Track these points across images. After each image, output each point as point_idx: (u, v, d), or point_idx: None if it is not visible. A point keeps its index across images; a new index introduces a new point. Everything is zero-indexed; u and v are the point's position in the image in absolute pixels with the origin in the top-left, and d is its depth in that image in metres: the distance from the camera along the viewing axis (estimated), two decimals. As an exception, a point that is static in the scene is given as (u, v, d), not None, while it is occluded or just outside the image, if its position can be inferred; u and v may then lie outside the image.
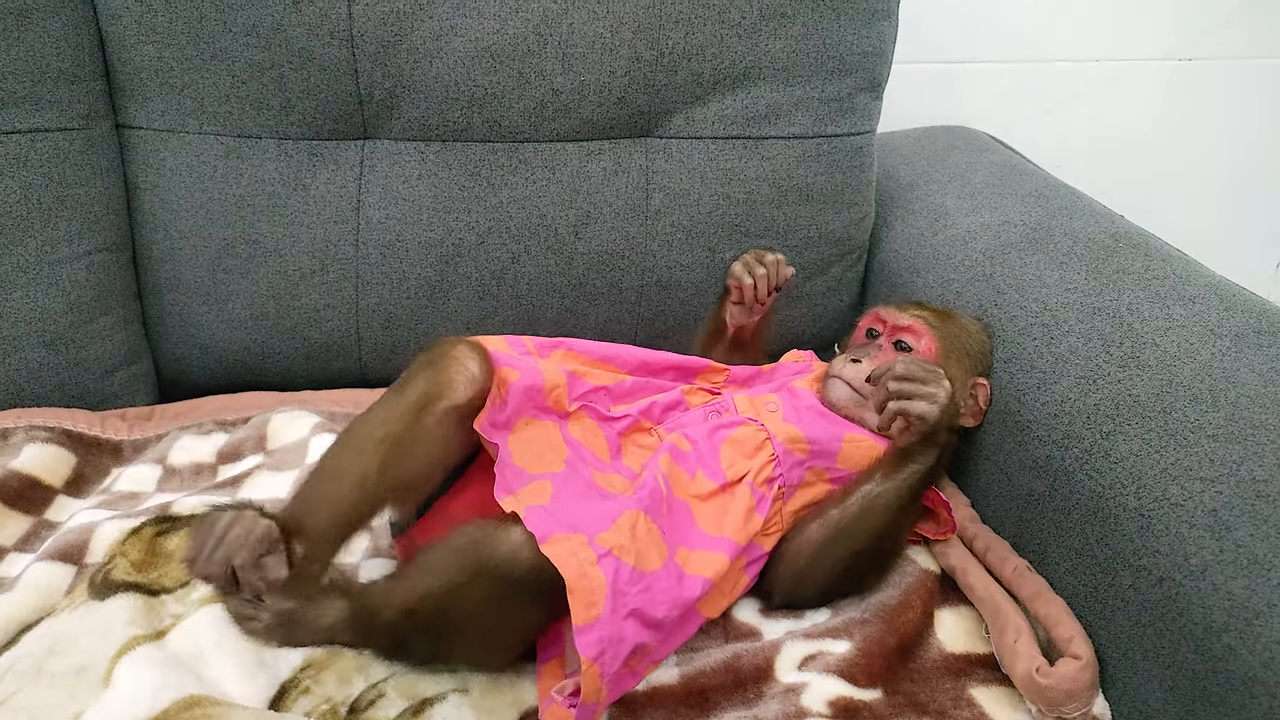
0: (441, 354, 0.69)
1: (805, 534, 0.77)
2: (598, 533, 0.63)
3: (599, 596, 0.60)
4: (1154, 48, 1.39)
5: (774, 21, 0.99)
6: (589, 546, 0.62)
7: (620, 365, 0.84)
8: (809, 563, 0.76)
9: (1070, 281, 0.85)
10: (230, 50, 0.94)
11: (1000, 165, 1.14)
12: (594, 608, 0.60)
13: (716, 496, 0.74)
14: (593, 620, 0.60)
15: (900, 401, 0.72)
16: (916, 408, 0.72)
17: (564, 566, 0.60)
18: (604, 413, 0.79)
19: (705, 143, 1.04)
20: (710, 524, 0.73)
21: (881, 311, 0.89)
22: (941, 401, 0.72)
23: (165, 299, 1.03)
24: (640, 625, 0.63)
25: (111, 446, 0.93)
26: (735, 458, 0.77)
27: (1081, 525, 0.72)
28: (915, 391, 0.72)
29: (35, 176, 0.93)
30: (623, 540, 0.64)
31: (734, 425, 0.79)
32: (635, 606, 0.63)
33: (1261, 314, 0.75)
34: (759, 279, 0.87)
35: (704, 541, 0.71)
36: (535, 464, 0.70)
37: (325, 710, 0.65)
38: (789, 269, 0.89)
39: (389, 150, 1.01)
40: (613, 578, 0.61)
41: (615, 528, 0.64)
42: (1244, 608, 0.58)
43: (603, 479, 0.73)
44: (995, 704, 0.69)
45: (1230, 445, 0.64)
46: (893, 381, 0.73)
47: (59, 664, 0.65)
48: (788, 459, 0.78)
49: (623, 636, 0.61)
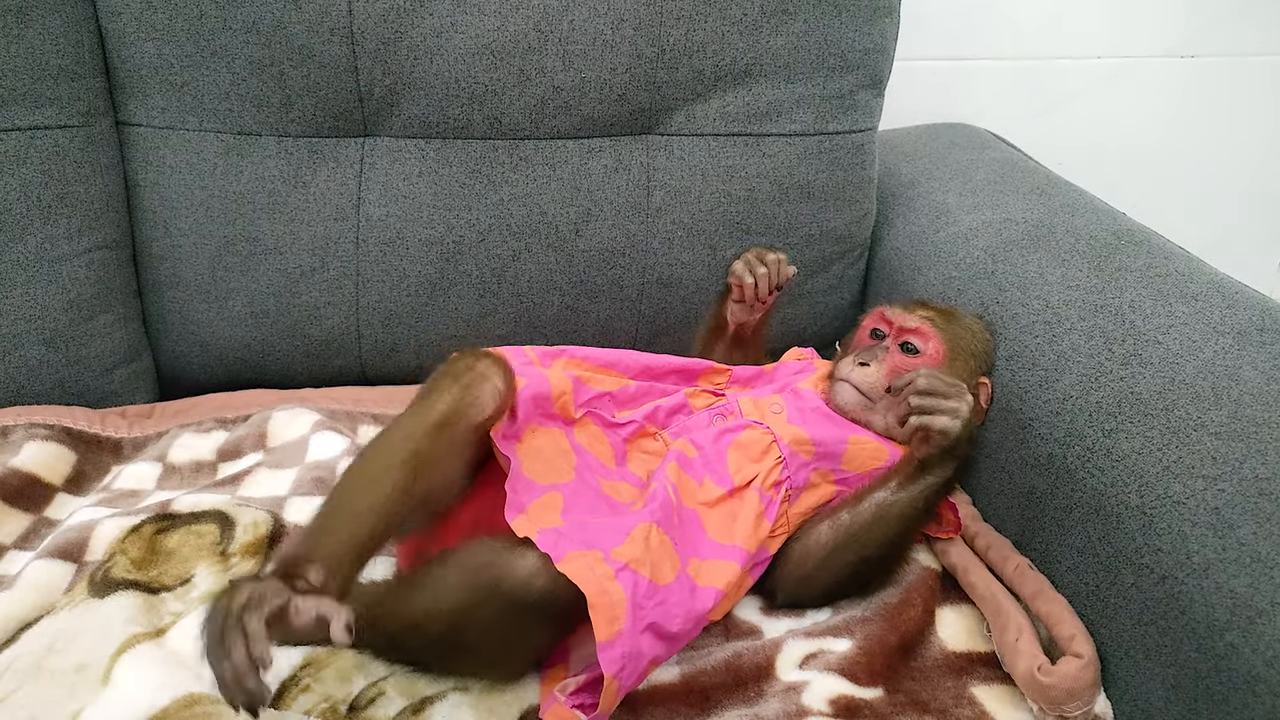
0: (466, 368, 0.67)
1: (814, 536, 0.77)
2: (613, 547, 0.62)
3: (620, 611, 0.60)
4: (1156, 45, 1.39)
5: (775, 18, 0.99)
6: (605, 561, 0.61)
7: (622, 371, 0.84)
8: (817, 566, 0.76)
9: (1072, 279, 0.85)
10: (230, 47, 0.94)
11: (1002, 162, 1.13)
12: (616, 623, 0.60)
13: (725, 502, 0.74)
14: (615, 636, 0.59)
15: (923, 416, 0.72)
16: (939, 423, 0.72)
17: (584, 583, 0.59)
18: (609, 419, 0.78)
19: (706, 140, 1.03)
20: (720, 531, 0.72)
21: (887, 312, 0.88)
22: (964, 416, 0.72)
23: (165, 296, 1.03)
24: (655, 638, 0.63)
25: (111, 444, 0.93)
26: (742, 462, 0.77)
27: (1083, 523, 0.72)
28: (938, 406, 0.72)
29: (35, 174, 0.93)
30: (638, 553, 0.63)
31: (739, 429, 0.79)
32: (652, 620, 0.62)
33: (1264, 311, 0.74)
34: (760, 278, 0.87)
35: (715, 550, 0.71)
36: (545, 474, 0.69)
37: (325, 708, 0.64)
38: (790, 268, 0.88)
39: (389, 147, 1.01)
40: (631, 591, 0.61)
41: (630, 541, 0.64)
42: (1246, 606, 0.57)
43: (610, 487, 0.73)
44: (997, 702, 0.69)
45: (1233, 443, 0.64)
46: (915, 396, 0.72)
47: (58, 662, 0.65)
48: (794, 461, 0.78)
49: (641, 651, 0.61)
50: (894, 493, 0.75)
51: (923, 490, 0.74)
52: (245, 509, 0.80)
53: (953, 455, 0.73)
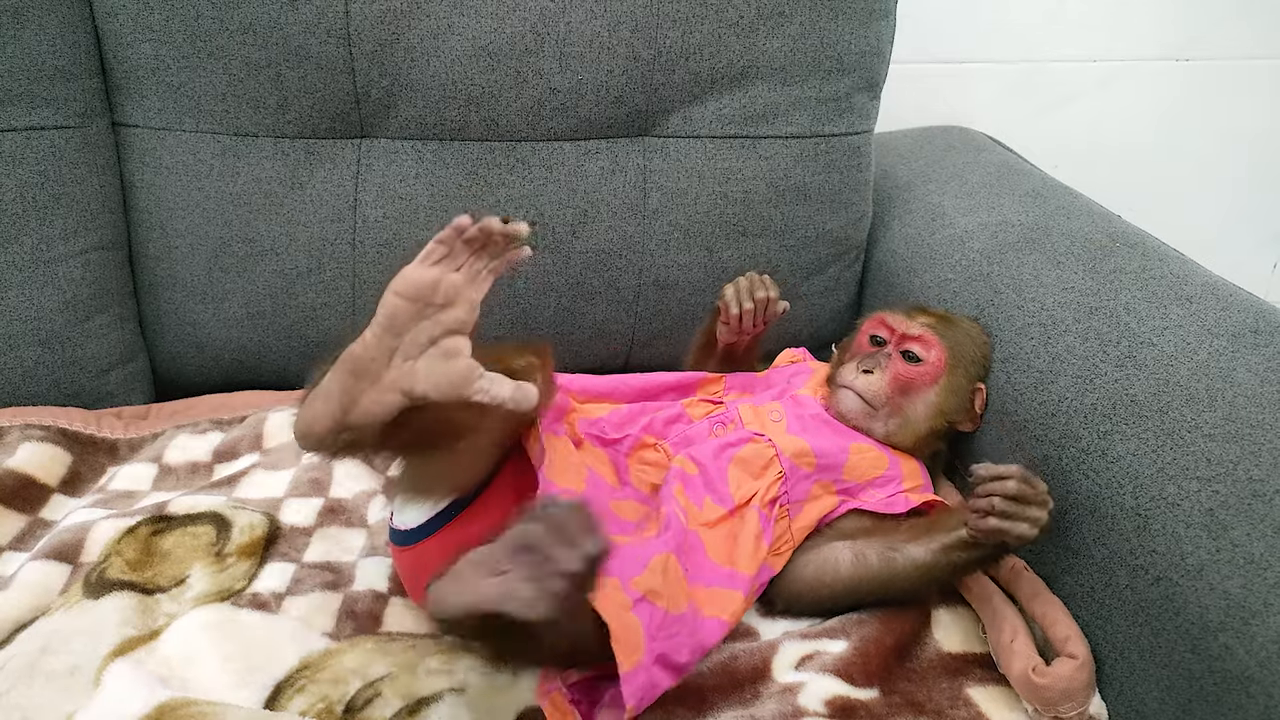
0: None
1: (832, 564, 0.76)
2: (631, 577, 0.62)
3: (638, 641, 0.60)
4: (1151, 48, 1.39)
5: (772, 21, 0.99)
6: (622, 590, 0.61)
7: (618, 399, 0.85)
8: (831, 594, 0.75)
9: (1067, 281, 0.85)
10: (227, 48, 0.94)
11: (997, 165, 1.14)
12: (636, 653, 0.59)
13: (725, 522, 0.74)
14: (635, 667, 0.59)
15: (1004, 521, 0.69)
16: (1018, 529, 0.69)
17: (605, 614, 0.58)
18: (606, 437, 0.79)
19: (703, 142, 1.04)
20: (720, 554, 0.71)
21: (888, 318, 0.86)
22: (1043, 525, 0.69)
23: (161, 297, 1.03)
24: (663, 669, 0.62)
25: (107, 445, 0.93)
26: (743, 479, 0.76)
27: (1078, 524, 0.72)
28: (1022, 514, 0.68)
29: (31, 174, 0.93)
30: (656, 584, 0.63)
31: (741, 443, 0.78)
32: (662, 651, 0.62)
33: (1258, 314, 0.75)
34: (746, 314, 0.86)
35: (717, 576, 0.70)
36: (561, 477, 0.69)
37: (321, 709, 0.64)
38: (781, 305, 0.88)
39: (386, 149, 1.01)
40: (647, 623, 0.61)
41: (649, 571, 0.63)
42: (1240, 607, 0.58)
43: (616, 507, 0.73)
44: (992, 703, 0.69)
45: (1227, 445, 0.64)
46: (1002, 501, 0.68)
47: (52, 663, 0.65)
48: (795, 474, 0.77)
49: (655, 683, 0.61)
50: (932, 555, 0.73)
51: (962, 563, 0.73)
52: (241, 510, 0.80)
53: (1007, 549, 0.72)
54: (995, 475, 0.69)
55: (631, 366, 1.10)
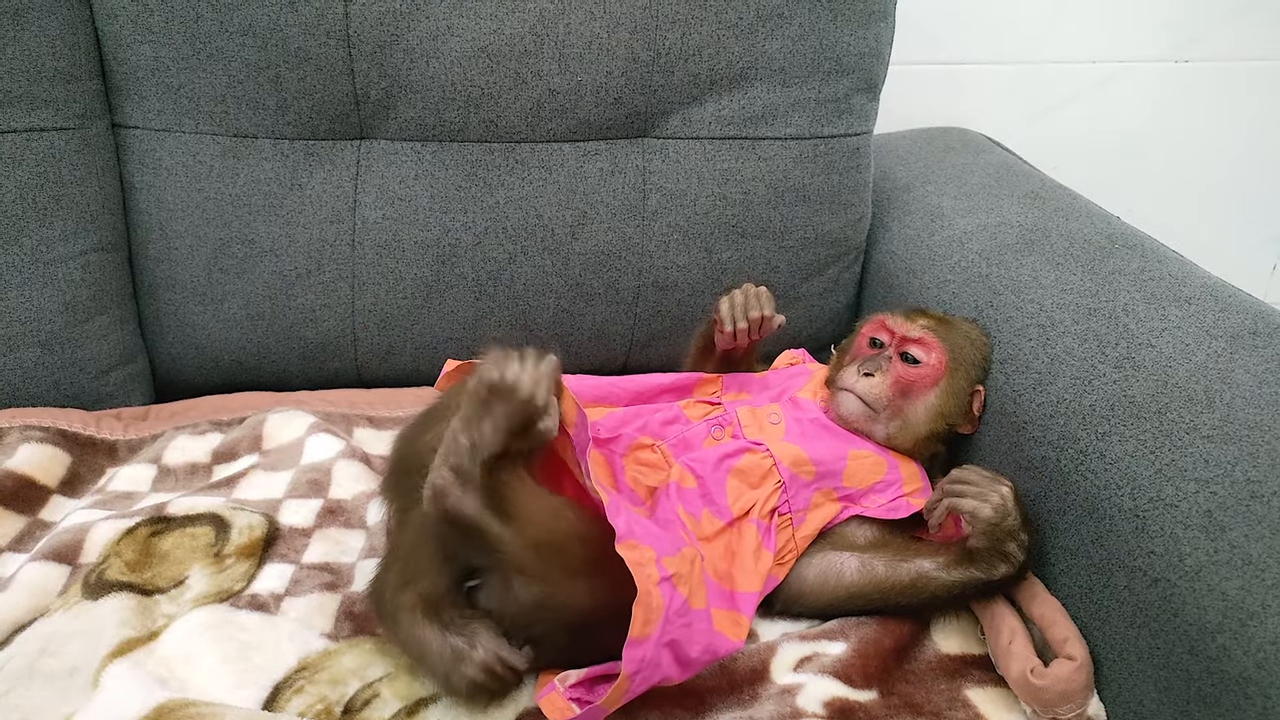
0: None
1: (836, 571, 0.76)
2: (664, 555, 0.62)
3: (655, 616, 0.60)
4: (1150, 49, 1.39)
5: (771, 22, 0.99)
6: (655, 564, 0.61)
7: (614, 402, 0.85)
8: (832, 602, 0.76)
9: (1066, 282, 0.85)
10: (226, 50, 0.94)
11: (996, 166, 1.14)
12: (649, 625, 0.60)
13: (722, 535, 0.74)
14: (645, 637, 0.59)
15: (950, 499, 0.74)
16: (965, 505, 0.72)
17: (636, 575, 0.59)
18: (599, 437, 0.79)
19: (702, 143, 1.04)
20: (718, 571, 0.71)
21: (888, 320, 0.86)
22: (993, 502, 0.72)
23: (161, 299, 1.03)
24: (673, 658, 0.63)
25: (106, 446, 0.93)
26: (741, 490, 0.76)
27: (1077, 526, 0.72)
28: (965, 491, 0.73)
29: (30, 176, 0.93)
30: (683, 570, 0.63)
31: (739, 453, 0.78)
32: (674, 638, 0.62)
33: (1257, 315, 0.75)
34: (740, 332, 0.86)
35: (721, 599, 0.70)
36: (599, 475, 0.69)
37: (320, 710, 0.64)
38: (777, 319, 0.87)
39: (385, 150, 1.01)
40: (668, 603, 0.61)
41: (680, 556, 0.64)
42: (1238, 608, 0.58)
43: None
44: (990, 705, 0.69)
45: (1225, 446, 0.64)
46: (947, 484, 0.75)
47: (51, 664, 0.65)
48: (794, 483, 0.77)
49: (659, 663, 0.61)
50: (938, 569, 0.74)
51: (964, 580, 0.73)
52: (240, 512, 0.80)
53: (1000, 555, 0.73)
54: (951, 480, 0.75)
55: (631, 368, 1.11)
